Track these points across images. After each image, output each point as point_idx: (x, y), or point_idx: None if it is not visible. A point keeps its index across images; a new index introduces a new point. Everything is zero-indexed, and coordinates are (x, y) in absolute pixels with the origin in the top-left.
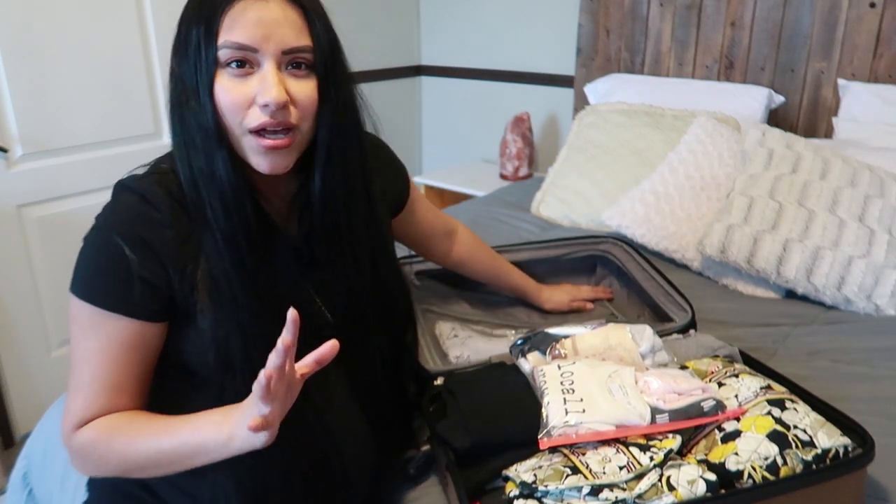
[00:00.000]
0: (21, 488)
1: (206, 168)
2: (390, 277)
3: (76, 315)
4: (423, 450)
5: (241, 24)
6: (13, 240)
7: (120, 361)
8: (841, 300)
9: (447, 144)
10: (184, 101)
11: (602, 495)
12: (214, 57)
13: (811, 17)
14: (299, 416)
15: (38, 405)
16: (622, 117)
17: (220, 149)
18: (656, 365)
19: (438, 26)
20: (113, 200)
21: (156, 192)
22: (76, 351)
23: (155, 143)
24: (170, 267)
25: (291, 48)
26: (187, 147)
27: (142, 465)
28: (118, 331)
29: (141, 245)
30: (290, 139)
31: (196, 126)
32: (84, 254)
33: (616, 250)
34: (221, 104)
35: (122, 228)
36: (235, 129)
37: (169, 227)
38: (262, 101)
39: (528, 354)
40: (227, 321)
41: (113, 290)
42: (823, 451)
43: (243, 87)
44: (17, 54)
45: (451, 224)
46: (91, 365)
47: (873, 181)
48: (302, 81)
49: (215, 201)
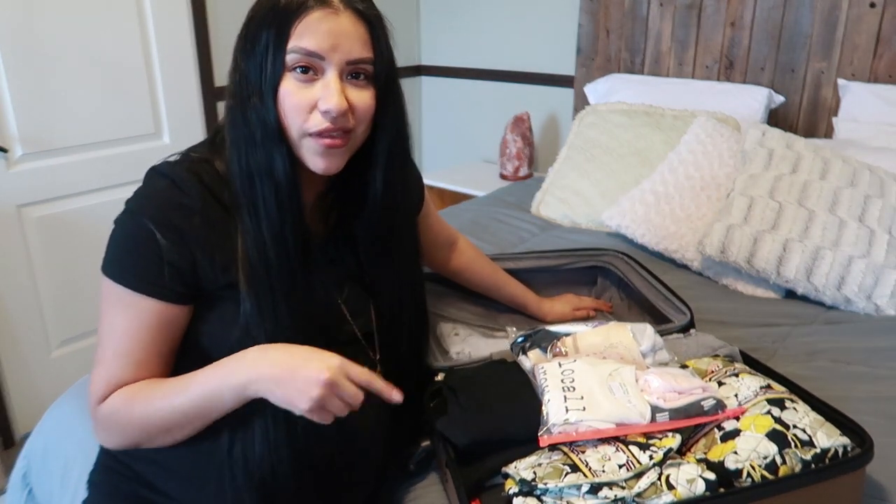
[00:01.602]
0: (21, 488)
1: (265, 163)
2: (418, 280)
3: (106, 293)
4: (423, 445)
5: (312, 33)
6: (13, 240)
7: (144, 340)
8: (841, 300)
9: (447, 144)
10: (246, 97)
11: (601, 493)
12: (283, 60)
13: (811, 17)
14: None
15: (38, 405)
16: (622, 117)
17: (279, 146)
18: (657, 364)
19: (438, 26)
20: (145, 185)
21: (187, 179)
22: (103, 326)
23: (155, 143)
24: (198, 252)
25: (355, 59)
26: (246, 142)
27: (161, 427)
28: (145, 312)
29: (172, 229)
30: (345, 140)
31: (258, 123)
32: (115, 236)
33: (618, 262)
34: (285, 106)
35: (153, 213)
36: (294, 132)
37: (199, 213)
38: (325, 108)
39: (529, 352)
40: (264, 309)
41: (143, 272)
42: (822, 450)
43: (307, 93)
44: (17, 54)
45: (454, 235)
46: (115, 340)
47: (873, 181)
48: (361, 91)
49: (269, 195)
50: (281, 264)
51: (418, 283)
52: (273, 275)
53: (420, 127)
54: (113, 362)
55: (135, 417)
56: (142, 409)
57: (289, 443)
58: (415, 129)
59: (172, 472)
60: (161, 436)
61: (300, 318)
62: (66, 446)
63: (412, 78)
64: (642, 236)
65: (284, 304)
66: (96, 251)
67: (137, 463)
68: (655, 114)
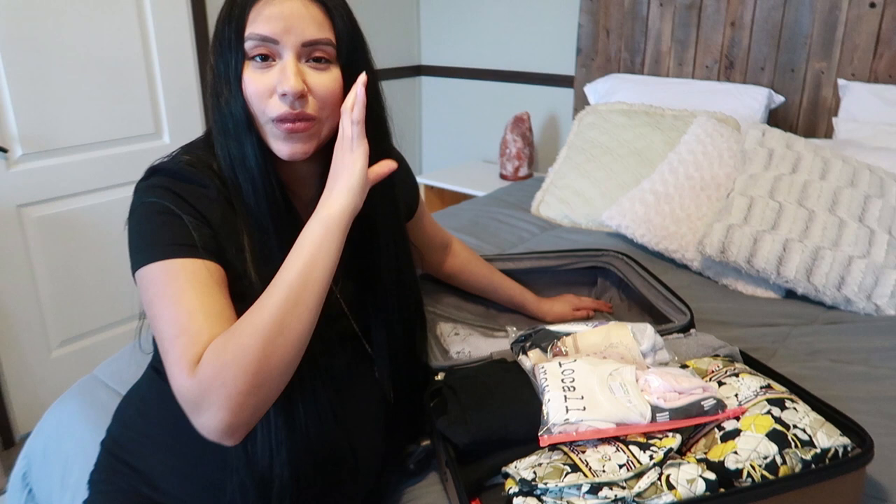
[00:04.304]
0: (21, 488)
1: (238, 154)
2: (408, 270)
3: (151, 282)
4: (423, 444)
5: (264, 18)
6: (13, 240)
7: (209, 294)
8: (841, 300)
9: (447, 144)
10: (219, 91)
11: (601, 493)
12: (243, 50)
13: (811, 17)
14: (316, 409)
15: (38, 405)
16: (622, 117)
17: (248, 135)
18: (657, 363)
19: (438, 26)
20: (146, 182)
21: (192, 172)
22: (163, 310)
23: (155, 143)
24: (215, 225)
25: (311, 40)
26: (224, 134)
27: (279, 321)
28: (200, 271)
29: (185, 204)
30: (308, 125)
31: (229, 114)
32: (136, 227)
33: (618, 262)
34: (248, 94)
35: (162, 194)
36: (260, 118)
37: (209, 188)
38: (281, 91)
39: (530, 351)
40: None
41: (175, 240)
42: (823, 450)
43: (265, 78)
44: (17, 54)
45: (448, 238)
46: (184, 304)
47: (873, 181)
48: (322, 73)
49: (247, 185)
50: (265, 259)
51: (411, 279)
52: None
53: (420, 127)
54: (190, 322)
55: (244, 336)
56: (247, 321)
57: (289, 441)
58: (415, 130)
59: (173, 469)
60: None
61: None
62: (66, 446)
63: (412, 78)
64: (642, 236)
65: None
66: (96, 251)
67: (138, 461)
68: (655, 114)
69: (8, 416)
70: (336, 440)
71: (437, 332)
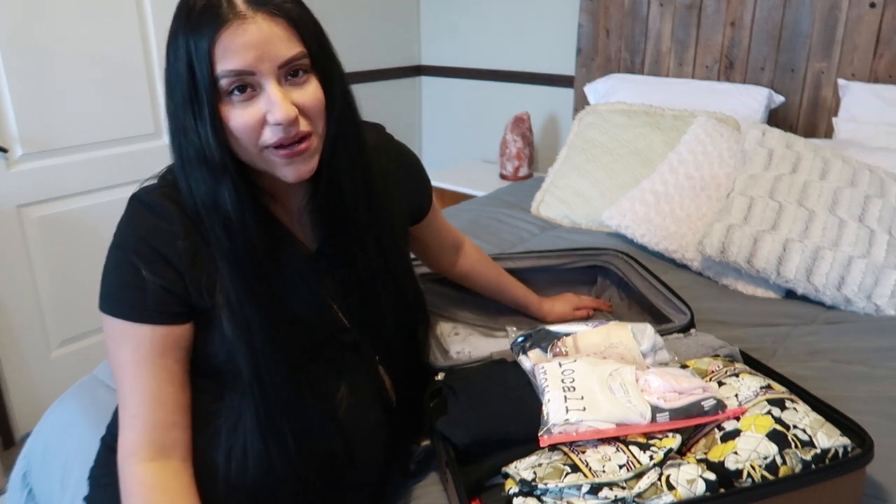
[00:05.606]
0: (21, 488)
1: (209, 198)
2: (402, 274)
3: (107, 329)
4: (423, 445)
5: (233, 52)
6: (13, 240)
7: (151, 369)
8: (841, 300)
9: (447, 144)
10: (182, 134)
11: (601, 494)
12: (213, 89)
13: (811, 17)
14: (315, 418)
15: (38, 405)
16: (622, 117)
17: (223, 178)
18: (657, 364)
19: (438, 26)
20: (127, 215)
21: (166, 206)
22: (112, 364)
23: (155, 143)
24: (185, 275)
25: (286, 60)
26: (188, 175)
27: None
28: (144, 339)
29: (157, 257)
30: (307, 144)
31: (195, 158)
32: (105, 271)
33: (618, 261)
34: (234, 130)
35: (135, 244)
36: (252, 149)
37: (182, 238)
38: (273, 121)
39: (530, 351)
40: (238, 339)
41: (133, 302)
42: (823, 450)
43: (252, 110)
44: (17, 54)
45: (460, 238)
46: (128, 376)
47: (873, 181)
48: (305, 88)
49: (219, 229)
50: (248, 297)
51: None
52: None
53: (420, 127)
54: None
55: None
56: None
57: (281, 455)
58: (415, 130)
59: None
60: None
61: (279, 331)
62: (66, 446)
63: (412, 78)
64: (642, 236)
65: (258, 320)
66: (96, 251)
67: None
68: (655, 114)
69: (8, 416)
70: (336, 444)
71: (437, 332)
